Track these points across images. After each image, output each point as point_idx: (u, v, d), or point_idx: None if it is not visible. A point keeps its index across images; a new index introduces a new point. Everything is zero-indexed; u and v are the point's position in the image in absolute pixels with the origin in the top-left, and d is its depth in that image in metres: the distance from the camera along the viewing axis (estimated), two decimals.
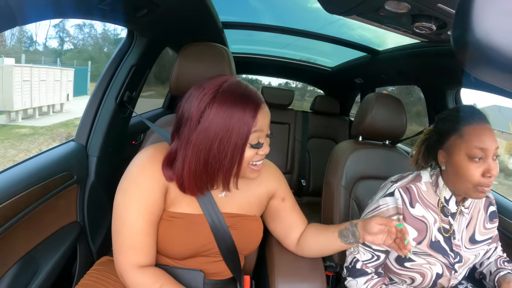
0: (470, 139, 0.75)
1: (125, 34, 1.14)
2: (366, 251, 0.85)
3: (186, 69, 0.96)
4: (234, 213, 0.77)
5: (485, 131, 0.75)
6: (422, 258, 0.81)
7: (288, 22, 1.71)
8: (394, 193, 0.82)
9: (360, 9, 0.84)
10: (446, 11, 0.73)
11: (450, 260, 0.81)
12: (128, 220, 0.65)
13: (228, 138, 0.61)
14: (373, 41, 1.68)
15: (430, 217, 0.82)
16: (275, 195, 0.84)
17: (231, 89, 0.62)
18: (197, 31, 1.35)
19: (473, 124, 0.76)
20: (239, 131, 0.61)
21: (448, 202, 0.82)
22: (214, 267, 0.76)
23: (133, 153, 0.76)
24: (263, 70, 2.78)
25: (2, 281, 0.73)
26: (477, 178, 0.74)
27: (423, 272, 0.81)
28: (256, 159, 0.67)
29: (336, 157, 1.15)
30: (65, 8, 0.74)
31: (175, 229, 0.69)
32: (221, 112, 0.60)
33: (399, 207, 0.81)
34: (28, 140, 4.82)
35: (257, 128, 0.63)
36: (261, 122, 0.64)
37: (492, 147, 0.73)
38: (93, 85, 1.71)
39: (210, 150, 0.62)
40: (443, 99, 1.42)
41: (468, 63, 0.25)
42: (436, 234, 0.82)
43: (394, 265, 0.85)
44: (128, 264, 0.65)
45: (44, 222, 0.87)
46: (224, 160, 0.63)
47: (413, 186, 0.83)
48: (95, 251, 1.05)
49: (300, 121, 2.24)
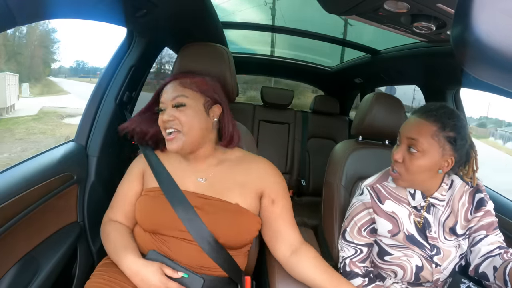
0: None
1: (125, 34, 1.14)
2: (349, 246, 0.89)
3: (186, 69, 0.96)
4: (204, 195, 0.79)
5: (409, 120, 0.82)
6: (398, 251, 0.84)
7: (288, 22, 1.71)
8: (363, 191, 0.89)
9: (359, 9, 0.84)
10: (446, 11, 0.73)
11: (427, 252, 0.82)
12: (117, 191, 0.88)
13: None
14: (373, 41, 1.68)
15: (403, 210, 0.85)
16: (264, 193, 0.83)
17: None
18: (196, 31, 1.35)
19: (412, 115, 0.83)
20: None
21: (414, 195, 0.85)
22: (203, 260, 0.75)
23: (133, 153, 0.77)
24: (263, 70, 2.78)
25: (2, 281, 0.73)
26: (391, 158, 0.82)
27: (402, 265, 0.83)
28: (164, 127, 0.78)
29: (336, 157, 1.15)
30: (64, 8, 0.74)
31: (145, 201, 0.80)
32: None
33: (367, 203, 0.88)
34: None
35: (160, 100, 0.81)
36: (161, 96, 0.81)
37: (403, 134, 0.81)
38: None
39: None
40: (442, 99, 1.42)
41: (467, 62, 0.25)
42: (409, 227, 0.84)
43: (377, 259, 0.88)
44: (106, 217, 0.86)
45: (44, 222, 0.87)
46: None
47: (379, 185, 0.89)
48: (95, 251, 1.05)
49: (299, 121, 2.24)
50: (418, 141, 0.77)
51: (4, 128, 6.22)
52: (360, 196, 0.90)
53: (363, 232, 0.88)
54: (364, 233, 0.88)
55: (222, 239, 0.76)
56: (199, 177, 0.82)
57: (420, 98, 1.65)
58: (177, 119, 0.76)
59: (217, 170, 0.83)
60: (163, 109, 0.79)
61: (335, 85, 2.63)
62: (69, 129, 6.59)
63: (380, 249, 0.87)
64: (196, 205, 0.76)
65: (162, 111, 0.79)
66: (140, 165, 0.87)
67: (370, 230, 0.88)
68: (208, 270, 0.76)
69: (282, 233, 0.82)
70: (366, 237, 0.88)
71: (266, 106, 2.22)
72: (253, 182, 0.82)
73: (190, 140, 0.77)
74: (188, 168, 0.84)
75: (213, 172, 0.83)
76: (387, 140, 1.19)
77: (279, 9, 1.87)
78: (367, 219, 0.88)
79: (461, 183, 0.86)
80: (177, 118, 0.76)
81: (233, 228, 0.77)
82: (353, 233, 0.89)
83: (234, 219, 0.77)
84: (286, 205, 0.84)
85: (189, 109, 0.77)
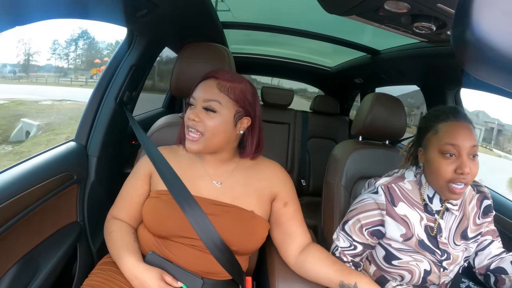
0: (443, 135, 0.76)
1: (125, 34, 1.14)
2: (346, 238, 0.87)
3: (186, 69, 0.96)
4: (219, 201, 0.77)
5: (459, 128, 0.75)
6: (408, 256, 0.82)
7: (288, 22, 1.71)
8: (378, 190, 0.85)
9: (360, 9, 0.84)
10: (446, 11, 0.73)
11: (437, 257, 0.82)
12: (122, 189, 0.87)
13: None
14: (373, 41, 1.68)
15: (415, 215, 0.83)
16: (277, 197, 0.83)
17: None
18: (197, 31, 1.35)
19: (448, 121, 0.77)
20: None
21: (432, 200, 0.83)
22: (208, 265, 0.74)
23: (133, 153, 0.76)
24: (263, 70, 2.78)
25: (2, 281, 0.73)
26: (448, 175, 0.74)
27: (410, 270, 0.82)
28: (188, 124, 0.75)
29: (336, 157, 1.15)
30: (65, 8, 0.74)
31: (154, 205, 0.78)
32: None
33: (381, 203, 0.83)
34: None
35: (193, 94, 0.77)
36: (195, 91, 0.77)
37: (465, 144, 0.73)
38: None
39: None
40: (443, 99, 1.42)
41: (467, 62, 0.25)
42: (420, 232, 0.82)
43: (383, 263, 0.86)
44: (110, 215, 0.85)
45: (44, 222, 0.87)
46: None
47: (395, 185, 0.85)
48: (95, 251, 1.05)
49: (300, 121, 2.24)
50: (477, 146, 0.75)
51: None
52: (374, 194, 0.86)
53: (364, 231, 0.86)
54: (365, 232, 0.86)
55: (235, 247, 0.75)
56: (215, 180, 0.80)
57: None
58: (203, 122, 0.73)
59: (234, 175, 0.81)
60: (193, 105, 0.76)
61: (335, 85, 2.63)
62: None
63: (388, 253, 0.85)
64: (209, 212, 0.74)
65: (191, 107, 0.76)
66: (147, 165, 0.83)
67: (372, 232, 0.85)
68: (210, 275, 0.76)
69: (294, 234, 0.82)
70: (365, 237, 0.86)
71: (266, 106, 2.22)
72: (268, 187, 0.82)
73: (210, 145, 0.75)
74: (202, 169, 0.81)
75: (230, 176, 0.81)
76: (387, 140, 1.19)
77: (280, 9, 1.87)
78: (375, 220, 0.85)
79: (470, 188, 0.88)
80: (203, 120, 0.73)
81: (247, 237, 0.76)
82: (354, 228, 0.87)
83: (248, 227, 0.76)
84: (298, 207, 0.85)
85: (219, 116, 0.74)
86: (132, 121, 1.02)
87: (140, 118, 1.65)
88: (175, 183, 0.77)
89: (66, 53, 31.17)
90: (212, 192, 0.78)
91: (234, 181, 0.80)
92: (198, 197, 0.76)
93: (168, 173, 0.78)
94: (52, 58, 31.14)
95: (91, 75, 20.81)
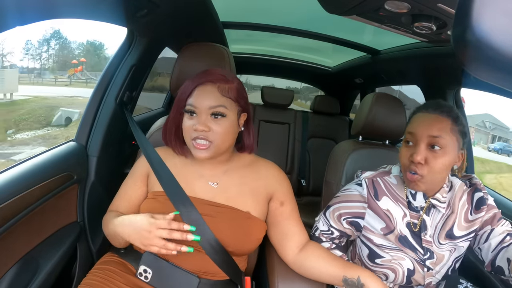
0: (408, 125, 0.80)
1: (125, 34, 1.14)
2: (325, 223, 0.89)
3: (186, 69, 0.96)
4: (214, 202, 0.76)
5: (423, 118, 0.77)
6: (390, 254, 0.81)
7: (288, 22, 1.71)
8: (362, 183, 0.86)
9: (360, 9, 0.84)
10: (446, 11, 0.73)
11: (419, 256, 0.80)
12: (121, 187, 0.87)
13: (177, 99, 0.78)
14: (373, 41, 1.68)
15: (398, 210, 0.82)
16: (274, 196, 0.83)
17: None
18: (197, 31, 1.35)
19: (418, 113, 0.79)
20: (181, 96, 0.77)
21: (415, 196, 0.82)
22: (204, 265, 0.74)
23: (133, 153, 0.76)
24: (263, 70, 2.78)
25: (2, 281, 0.73)
26: (405, 162, 0.77)
27: (394, 268, 0.81)
28: (195, 135, 0.73)
29: (336, 157, 1.15)
30: (65, 8, 0.74)
31: (151, 206, 0.77)
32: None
33: (364, 196, 0.85)
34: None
35: (191, 101, 0.74)
36: (194, 98, 0.74)
37: (422, 133, 0.75)
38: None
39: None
40: (443, 99, 1.42)
41: (467, 62, 0.25)
42: (402, 228, 0.81)
43: (368, 262, 0.86)
44: (109, 209, 0.85)
45: (44, 222, 0.87)
46: (171, 121, 0.80)
47: (380, 179, 0.86)
48: (95, 251, 1.05)
49: (300, 121, 2.24)
50: (440, 138, 0.73)
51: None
52: (358, 187, 0.87)
53: (342, 220, 0.86)
54: (343, 222, 0.87)
55: (231, 247, 0.75)
56: (211, 181, 0.80)
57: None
58: (212, 130, 0.72)
59: (229, 175, 0.81)
60: (195, 114, 0.74)
61: (335, 85, 2.63)
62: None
63: (371, 251, 0.85)
64: (204, 213, 0.74)
65: (192, 116, 0.74)
66: (145, 166, 0.84)
67: (351, 222, 0.86)
68: (208, 275, 0.75)
69: (291, 233, 0.82)
70: (342, 226, 0.87)
71: (267, 106, 2.22)
72: (264, 187, 0.81)
73: (219, 151, 0.76)
74: (198, 170, 0.81)
75: (226, 177, 0.81)
76: (387, 140, 1.19)
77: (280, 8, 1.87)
78: (356, 211, 0.85)
79: (460, 183, 0.85)
80: (212, 128, 0.72)
81: (243, 238, 0.76)
82: (333, 215, 0.88)
83: (243, 227, 0.76)
84: (294, 206, 0.85)
85: (228, 120, 0.74)
86: (131, 122, 1.02)
87: (140, 118, 1.66)
88: (171, 184, 0.77)
89: (39, 53, 30.56)
90: (208, 192, 0.78)
91: (230, 181, 0.80)
92: (194, 197, 0.76)
93: (164, 174, 0.78)
94: (25, 59, 30.58)
95: (68, 75, 21.17)
